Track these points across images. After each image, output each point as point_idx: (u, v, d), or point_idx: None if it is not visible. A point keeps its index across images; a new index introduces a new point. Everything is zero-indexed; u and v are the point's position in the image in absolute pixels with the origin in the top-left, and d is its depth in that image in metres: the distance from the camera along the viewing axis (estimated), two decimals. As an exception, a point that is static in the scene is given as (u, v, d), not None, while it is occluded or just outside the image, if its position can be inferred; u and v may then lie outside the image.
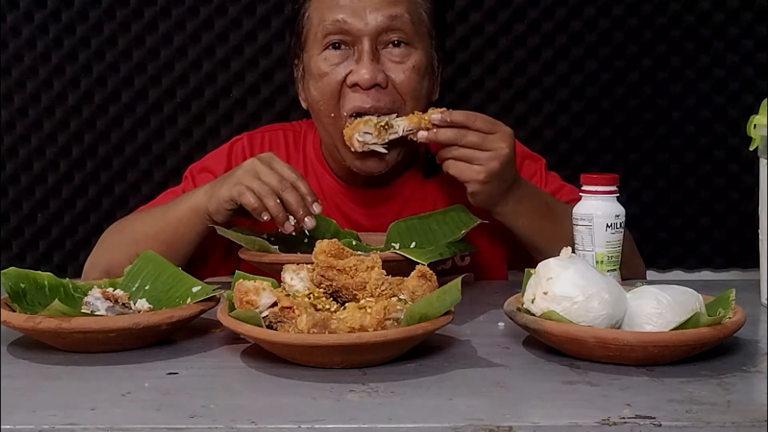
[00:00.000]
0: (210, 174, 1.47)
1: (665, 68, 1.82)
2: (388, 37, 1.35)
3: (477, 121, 1.27)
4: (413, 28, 1.36)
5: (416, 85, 1.36)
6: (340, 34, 1.34)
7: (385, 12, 1.34)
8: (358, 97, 1.34)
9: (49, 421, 0.79)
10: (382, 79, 1.33)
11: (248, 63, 1.80)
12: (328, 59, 1.36)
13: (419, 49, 1.37)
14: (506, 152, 1.25)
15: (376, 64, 1.33)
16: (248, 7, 1.78)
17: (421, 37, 1.38)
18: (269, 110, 1.81)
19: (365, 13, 1.33)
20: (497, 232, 1.51)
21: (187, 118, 1.81)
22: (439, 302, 0.95)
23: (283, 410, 0.82)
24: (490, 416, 0.79)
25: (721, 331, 0.94)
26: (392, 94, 1.35)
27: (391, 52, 1.35)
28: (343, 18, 1.33)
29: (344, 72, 1.34)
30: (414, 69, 1.36)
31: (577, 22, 1.81)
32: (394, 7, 1.34)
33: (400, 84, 1.35)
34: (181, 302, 1.09)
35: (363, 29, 1.33)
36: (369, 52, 1.33)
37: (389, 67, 1.35)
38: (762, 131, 1.21)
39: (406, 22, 1.35)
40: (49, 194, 1.81)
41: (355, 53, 1.34)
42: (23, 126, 1.79)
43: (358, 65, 1.33)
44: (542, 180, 1.48)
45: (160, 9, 1.78)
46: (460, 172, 1.27)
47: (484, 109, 1.82)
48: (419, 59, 1.37)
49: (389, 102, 1.34)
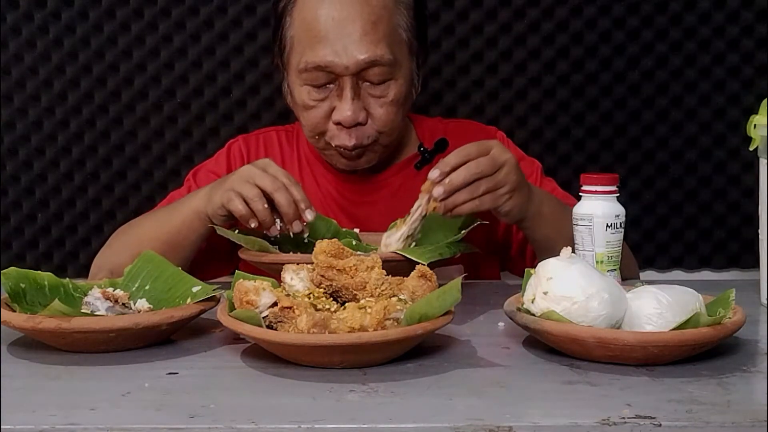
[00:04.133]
0: (213, 175, 1.50)
1: (665, 68, 1.82)
2: (368, 75, 1.36)
3: (470, 151, 1.21)
4: (394, 63, 1.37)
5: (393, 117, 1.40)
6: (321, 73, 1.35)
7: (366, 53, 1.33)
8: (343, 136, 1.38)
9: (49, 421, 0.79)
10: (363, 117, 1.37)
11: (248, 63, 1.80)
12: (311, 95, 1.38)
13: (399, 79, 1.38)
14: (513, 160, 1.23)
15: (357, 101, 1.36)
16: (248, 7, 1.78)
17: (402, 62, 1.39)
18: (269, 110, 1.81)
19: (345, 52, 1.33)
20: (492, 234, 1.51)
21: (187, 118, 1.81)
22: (439, 302, 0.95)
23: (283, 410, 0.82)
24: (490, 416, 0.79)
25: (721, 331, 0.94)
26: (370, 129, 1.39)
27: (371, 87, 1.37)
28: (324, 61, 1.34)
29: (328, 108, 1.38)
30: (393, 102, 1.38)
31: (577, 22, 1.81)
32: (375, 47, 1.34)
33: (378, 119, 1.38)
34: (181, 302, 1.09)
35: (344, 71, 1.34)
36: (350, 91, 1.35)
37: (369, 102, 1.38)
38: (762, 131, 1.21)
39: (386, 61, 1.35)
40: (49, 194, 1.81)
41: (337, 89, 1.36)
42: (23, 126, 1.80)
43: (341, 103, 1.36)
44: (538, 183, 1.47)
45: (160, 9, 1.78)
46: (492, 203, 1.22)
47: (484, 109, 1.82)
48: (398, 90, 1.38)
49: (368, 138, 1.39)
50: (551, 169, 1.75)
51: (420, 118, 1.59)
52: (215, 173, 1.51)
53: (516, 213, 1.26)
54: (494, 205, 1.23)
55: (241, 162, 1.53)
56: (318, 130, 1.40)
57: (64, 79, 1.78)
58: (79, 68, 1.78)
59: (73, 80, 1.79)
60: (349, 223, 1.46)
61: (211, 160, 1.56)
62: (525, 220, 1.30)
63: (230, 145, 1.56)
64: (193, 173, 1.54)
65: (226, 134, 1.78)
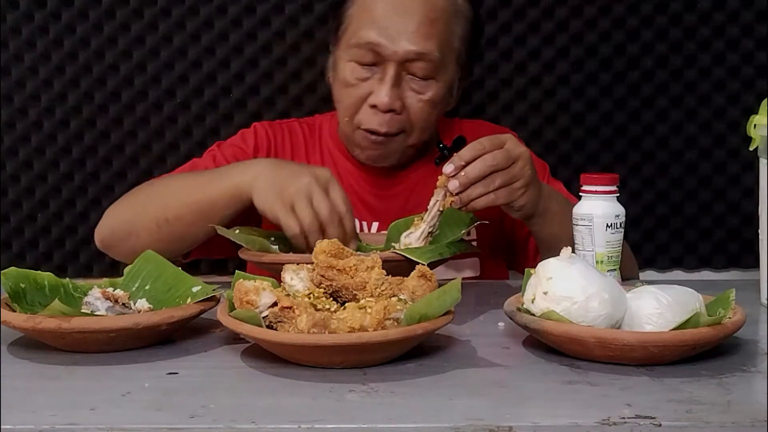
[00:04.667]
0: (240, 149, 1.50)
1: (665, 68, 1.82)
2: (412, 68, 1.38)
3: (485, 145, 1.21)
4: (440, 63, 1.39)
5: (427, 117, 1.42)
6: (370, 53, 1.38)
7: (417, 45, 1.37)
8: (375, 120, 1.40)
9: (49, 421, 0.79)
10: (399, 106, 1.39)
11: (248, 63, 1.80)
12: (355, 72, 1.40)
13: (440, 81, 1.41)
14: (527, 154, 1.24)
15: (396, 89, 1.38)
16: (248, 7, 1.78)
17: (446, 67, 1.42)
18: (269, 110, 1.81)
19: (398, 39, 1.36)
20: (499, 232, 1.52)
21: (187, 118, 1.81)
22: (439, 302, 0.95)
23: (283, 410, 0.82)
24: (490, 416, 0.79)
25: (721, 331, 0.94)
26: (403, 121, 1.41)
27: (413, 81, 1.40)
28: (376, 41, 1.37)
29: (367, 90, 1.40)
30: (429, 102, 1.41)
31: (577, 22, 1.81)
32: (427, 42, 1.37)
33: (413, 113, 1.40)
34: (181, 302, 1.09)
35: (392, 55, 1.37)
36: (392, 77, 1.38)
37: (408, 94, 1.40)
38: (762, 131, 1.21)
39: (433, 58, 1.38)
40: (49, 194, 1.81)
41: (380, 73, 1.39)
42: (23, 126, 1.80)
43: (380, 87, 1.38)
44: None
45: (160, 9, 1.78)
46: (507, 197, 1.22)
47: (484, 109, 1.82)
48: (437, 92, 1.41)
49: (398, 128, 1.41)
50: (551, 169, 1.74)
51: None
52: (242, 149, 1.51)
53: (529, 208, 1.26)
54: (509, 199, 1.23)
55: (268, 146, 1.53)
56: (351, 111, 1.41)
57: (64, 79, 1.78)
58: (79, 68, 1.78)
59: (73, 80, 1.78)
60: (369, 215, 1.47)
61: (236, 138, 1.55)
62: (534, 216, 1.30)
63: (256, 127, 1.56)
64: (218, 144, 1.53)
65: (226, 134, 1.77)
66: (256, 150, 1.52)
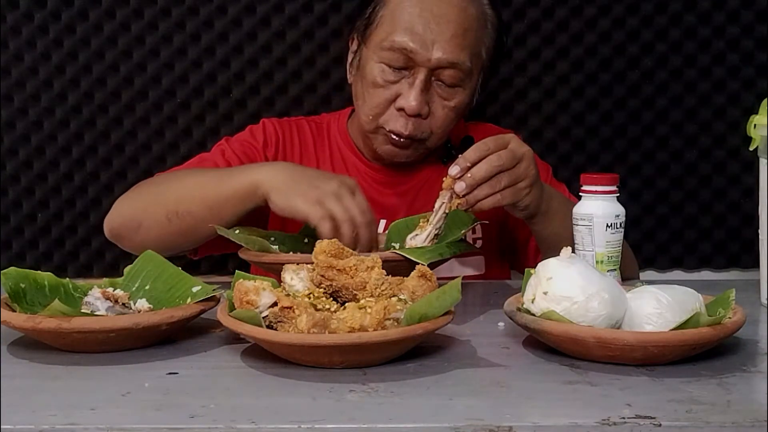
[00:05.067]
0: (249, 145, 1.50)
1: (665, 68, 1.82)
2: (442, 75, 1.40)
3: (489, 145, 1.21)
4: (468, 72, 1.41)
5: (449, 123, 1.44)
6: (402, 57, 1.38)
7: (450, 53, 1.38)
8: (401, 123, 1.41)
9: (49, 421, 0.79)
10: (426, 111, 1.41)
11: (248, 63, 1.80)
12: (385, 74, 1.41)
13: (466, 89, 1.43)
14: (530, 153, 1.24)
15: (425, 94, 1.40)
16: (248, 7, 1.78)
17: (474, 75, 1.43)
18: (269, 110, 1.81)
19: (432, 46, 1.37)
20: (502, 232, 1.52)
21: (187, 118, 1.81)
22: (439, 302, 0.95)
23: (283, 410, 0.82)
24: (490, 416, 0.79)
25: (721, 331, 0.94)
26: (426, 125, 1.42)
27: (440, 87, 1.41)
28: (410, 47, 1.37)
29: (395, 92, 1.41)
30: (454, 109, 1.42)
31: (577, 22, 1.81)
32: (460, 52, 1.38)
33: (437, 119, 1.42)
34: (181, 302, 1.09)
35: (425, 62, 1.38)
36: (422, 83, 1.39)
37: (434, 99, 1.41)
38: (762, 131, 1.21)
39: (464, 68, 1.40)
40: (49, 194, 1.81)
41: (410, 77, 1.39)
42: (23, 126, 1.80)
43: (409, 91, 1.39)
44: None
45: (160, 9, 1.78)
46: (513, 197, 1.22)
47: (484, 109, 1.82)
48: (462, 99, 1.43)
49: (422, 133, 1.42)
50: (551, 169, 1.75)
51: None
52: (251, 144, 1.51)
53: (533, 207, 1.27)
54: (515, 199, 1.23)
55: (277, 141, 1.53)
56: (377, 111, 1.42)
57: (64, 79, 1.78)
58: (79, 68, 1.78)
59: (73, 80, 1.78)
60: (377, 213, 1.47)
61: (245, 133, 1.56)
62: (537, 216, 1.30)
63: (264, 123, 1.57)
64: (227, 140, 1.53)
65: (226, 134, 1.77)
66: (265, 145, 1.52)
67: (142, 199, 1.39)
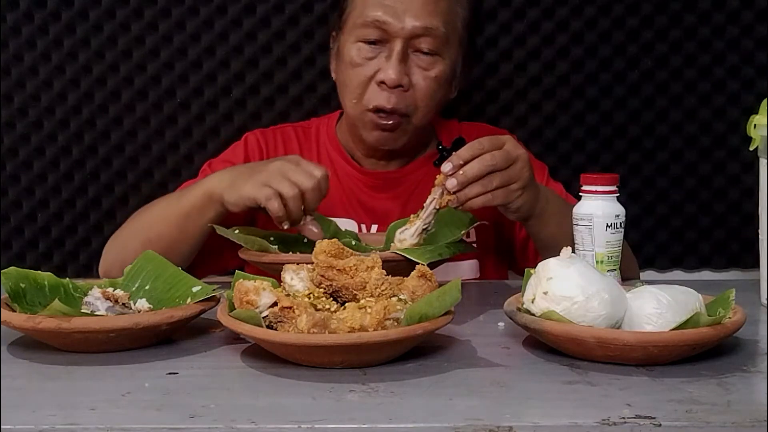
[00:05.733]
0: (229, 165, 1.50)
1: (665, 68, 1.82)
2: (419, 44, 1.40)
3: (484, 144, 1.21)
4: (445, 40, 1.41)
5: (433, 94, 1.43)
6: (376, 30, 1.40)
7: (423, 20, 1.39)
8: (383, 96, 1.41)
9: (49, 421, 0.79)
10: (406, 82, 1.40)
11: (248, 63, 1.80)
12: (362, 51, 1.42)
13: (446, 59, 1.43)
14: (525, 156, 1.23)
15: (403, 65, 1.40)
16: (248, 7, 1.78)
17: (451, 47, 1.43)
18: (269, 110, 1.80)
19: (404, 15, 1.39)
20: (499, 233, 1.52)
21: (187, 118, 1.80)
22: (439, 302, 0.95)
23: (283, 410, 0.82)
24: (490, 416, 0.79)
25: (721, 331, 0.94)
26: (410, 98, 1.42)
27: (419, 57, 1.41)
28: (382, 18, 1.39)
29: (374, 68, 1.41)
30: (435, 79, 1.42)
31: (577, 22, 1.81)
32: (432, 18, 1.39)
33: (419, 90, 1.42)
34: (181, 302, 1.09)
35: (398, 32, 1.39)
36: (399, 53, 1.39)
37: (414, 71, 1.41)
38: (762, 131, 1.21)
39: (439, 34, 1.40)
40: (49, 194, 1.81)
41: (387, 51, 1.40)
42: (23, 126, 1.79)
43: (388, 64, 1.40)
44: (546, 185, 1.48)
45: (160, 9, 1.77)
46: (504, 198, 1.22)
47: (484, 109, 1.82)
48: (443, 69, 1.43)
49: (405, 106, 1.42)
50: (551, 169, 1.74)
51: (438, 119, 1.60)
52: (232, 164, 1.51)
53: (525, 210, 1.26)
54: (506, 200, 1.22)
55: (260, 155, 1.54)
56: (359, 91, 1.42)
57: (64, 79, 1.78)
58: (79, 68, 1.78)
59: (73, 80, 1.78)
60: (368, 218, 1.47)
61: (228, 152, 1.57)
62: (531, 218, 1.30)
63: (247, 137, 1.57)
64: (209, 164, 1.54)
65: (226, 134, 1.78)
66: (246, 162, 1.52)
67: (123, 235, 1.44)
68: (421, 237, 1.24)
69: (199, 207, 1.33)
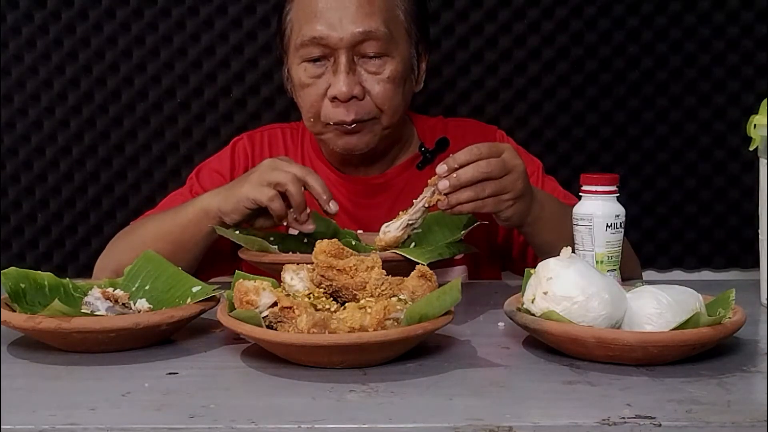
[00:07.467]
0: (217, 174, 1.51)
1: (665, 68, 1.82)
2: (363, 49, 1.37)
3: (482, 150, 1.19)
4: (389, 38, 1.38)
5: (392, 95, 1.39)
6: (317, 47, 1.37)
7: (361, 25, 1.36)
8: (340, 111, 1.38)
9: (49, 421, 0.79)
10: (359, 91, 1.37)
11: (248, 63, 1.80)
12: (308, 71, 1.39)
13: (395, 57, 1.39)
14: (522, 167, 1.22)
15: (352, 76, 1.37)
16: (248, 7, 1.78)
17: (398, 42, 1.40)
18: (269, 110, 1.81)
19: (341, 25, 1.35)
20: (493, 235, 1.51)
21: (187, 118, 1.81)
22: (439, 302, 0.95)
23: (283, 410, 0.82)
24: (490, 416, 0.79)
25: (721, 331, 0.94)
26: (369, 105, 1.39)
27: (367, 63, 1.38)
28: (319, 33, 1.36)
29: (324, 85, 1.38)
30: (389, 79, 1.39)
31: (577, 22, 1.81)
32: (370, 20, 1.36)
33: (376, 95, 1.38)
34: (181, 302, 1.09)
35: (338, 43, 1.36)
36: (345, 65, 1.36)
37: (365, 78, 1.38)
38: (762, 131, 1.21)
39: (381, 35, 1.37)
40: (49, 194, 1.81)
41: (333, 65, 1.37)
42: (23, 126, 1.80)
43: (336, 78, 1.37)
44: (539, 182, 1.47)
45: (160, 9, 1.78)
46: (494, 206, 1.21)
47: (484, 109, 1.82)
48: (395, 68, 1.39)
49: (366, 113, 1.39)
50: (551, 169, 1.74)
51: (421, 118, 1.59)
52: (219, 172, 1.51)
53: (515, 220, 1.26)
54: (495, 209, 1.22)
55: (246, 160, 1.53)
56: (314, 110, 1.40)
57: (64, 79, 1.78)
58: (79, 68, 1.78)
59: (73, 80, 1.78)
60: (352, 224, 1.46)
61: (214, 158, 1.57)
62: (525, 226, 1.29)
63: (235, 143, 1.56)
64: (196, 172, 1.54)
65: (226, 134, 1.78)
66: (233, 168, 1.52)
67: (117, 250, 1.43)
68: (406, 231, 1.24)
69: (195, 222, 1.33)
